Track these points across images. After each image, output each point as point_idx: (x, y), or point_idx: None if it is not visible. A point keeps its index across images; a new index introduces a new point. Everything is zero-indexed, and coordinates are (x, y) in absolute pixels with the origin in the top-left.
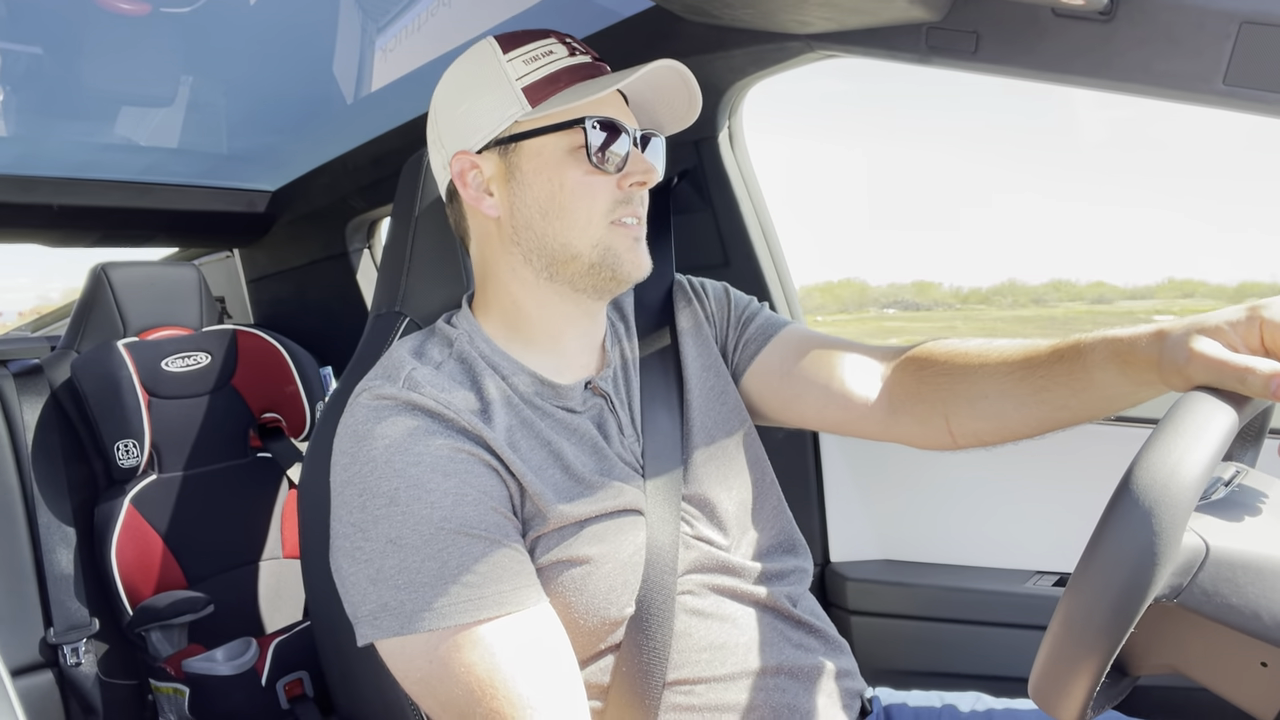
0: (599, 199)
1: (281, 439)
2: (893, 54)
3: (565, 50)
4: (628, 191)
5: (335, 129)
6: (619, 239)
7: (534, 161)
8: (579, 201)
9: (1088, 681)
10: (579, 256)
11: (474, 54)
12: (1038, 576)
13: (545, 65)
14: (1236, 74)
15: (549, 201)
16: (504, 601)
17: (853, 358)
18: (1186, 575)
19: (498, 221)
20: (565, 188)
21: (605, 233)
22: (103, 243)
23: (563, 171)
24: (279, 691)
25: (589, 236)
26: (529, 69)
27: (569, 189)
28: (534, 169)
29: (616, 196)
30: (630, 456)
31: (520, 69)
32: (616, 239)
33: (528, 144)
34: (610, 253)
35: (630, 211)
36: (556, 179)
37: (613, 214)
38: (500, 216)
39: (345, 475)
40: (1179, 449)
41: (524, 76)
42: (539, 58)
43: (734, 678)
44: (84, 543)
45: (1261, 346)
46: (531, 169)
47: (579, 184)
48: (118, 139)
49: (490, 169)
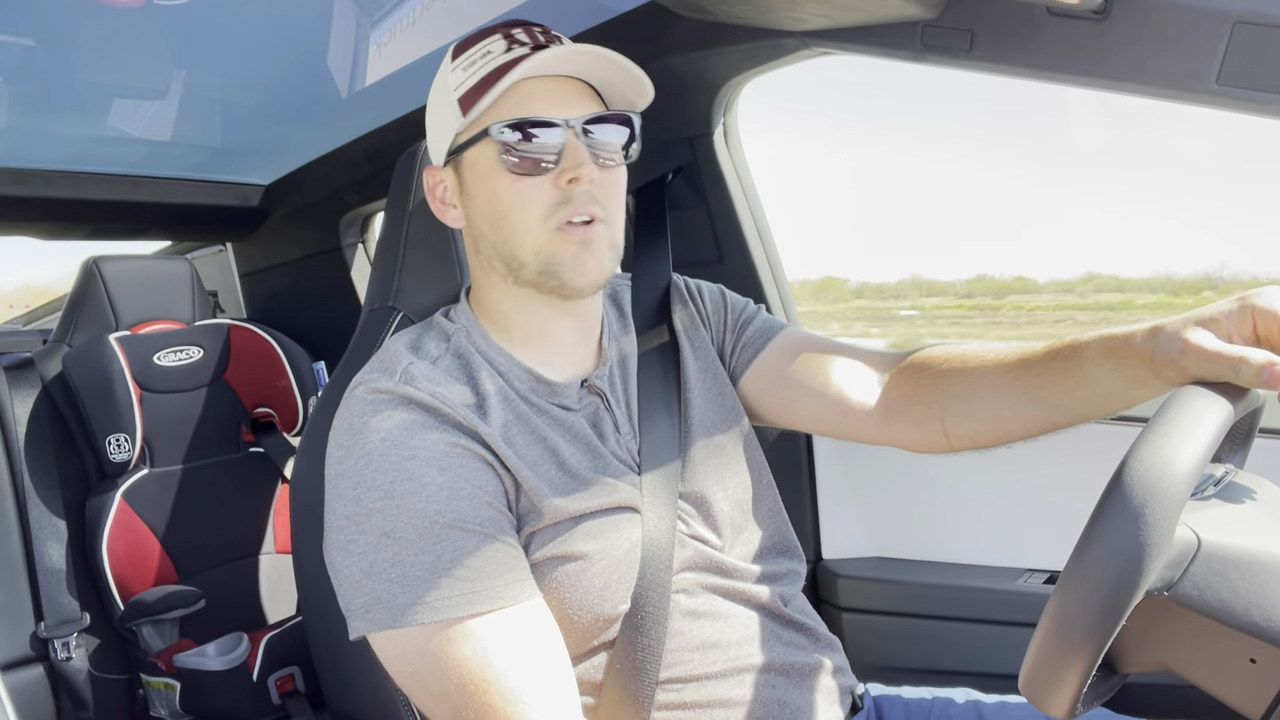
0: (532, 204)
1: (274, 434)
2: (888, 51)
3: (503, 46)
4: (566, 190)
5: (329, 123)
6: (561, 245)
7: (473, 173)
8: (513, 209)
9: (1079, 675)
10: (526, 264)
11: (441, 65)
12: (1029, 574)
13: (479, 70)
14: (1230, 74)
15: (491, 211)
16: (497, 596)
17: (850, 363)
18: (1178, 568)
19: (465, 230)
20: (499, 196)
21: (547, 239)
22: (95, 236)
23: (494, 180)
24: (270, 687)
25: (530, 244)
26: (465, 77)
27: (502, 197)
28: (474, 180)
29: (555, 198)
30: (626, 454)
31: (459, 77)
32: (559, 245)
33: (466, 155)
34: (554, 260)
35: (573, 211)
36: (490, 188)
37: (553, 217)
38: (465, 227)
39: (340, 468)
40: (1173, 442)
41: (460, 85)
42: (475, 62)
43: (725, 675)
44: (75, 537)
45: (1255, 335)
46: (473, 180)
47: (509, 191)
48: (111, 132)
49: (450, 181)
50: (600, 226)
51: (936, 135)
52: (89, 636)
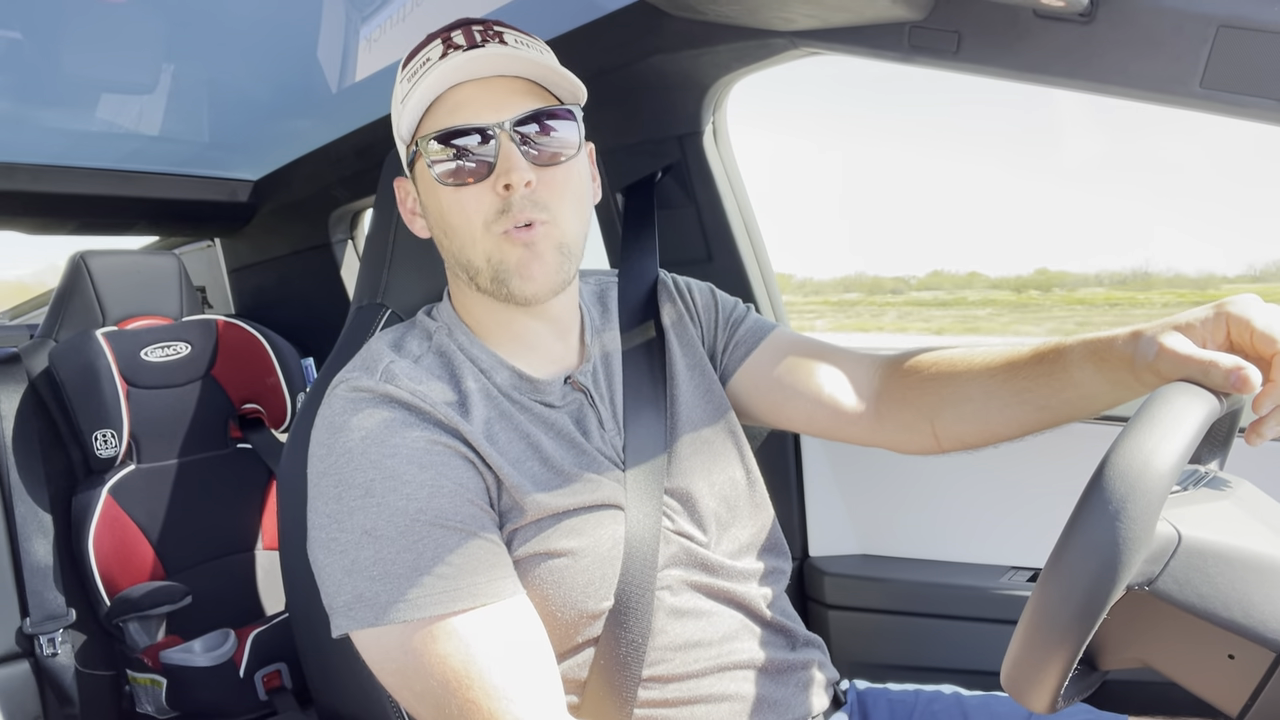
0: (473, 213)
1: (262, 430)
2: (875, 52)
3: (440, 52)
4: (504, 196)
5: (319, 119)
6: (508, 250)
7: (422, 184)
8: (456, 219)
9: (1059, 670)
10: (480, 271)
11: None
12: (1013, 571)
13: (419, 79)
14: (1213, 77)
15: (440, 220)
16: (479, 593)
17: (841, 365)
18: (1159, 563)
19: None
20: (444, 207)
21: (494, 246)
22: (82, 231)
23: (437, 192)
24: (257, 683)
25: (479, 250)
26: (407, 87)
27: (445, 208)
28: (424, 191)
29: (496, 205)
30: (611, 450)
31: (403, 89)
32: (505, 251)
33: (416, 168)
34: (502, 267)
35: (511, 219)
36: (436, 200)
37: (497, 225)
38: (429, 234)
39: (322, 466)
40: (1154, 438)
41: (405, 98)
42: (416, 71)
43: (707, 673)
44: (61, 533)
45: (1228, 341)
46: (423, 191)
47: (450, 202)
48: (98, 126)
49: (413, 191)
50: (542, 228)
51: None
52: (75, 632)
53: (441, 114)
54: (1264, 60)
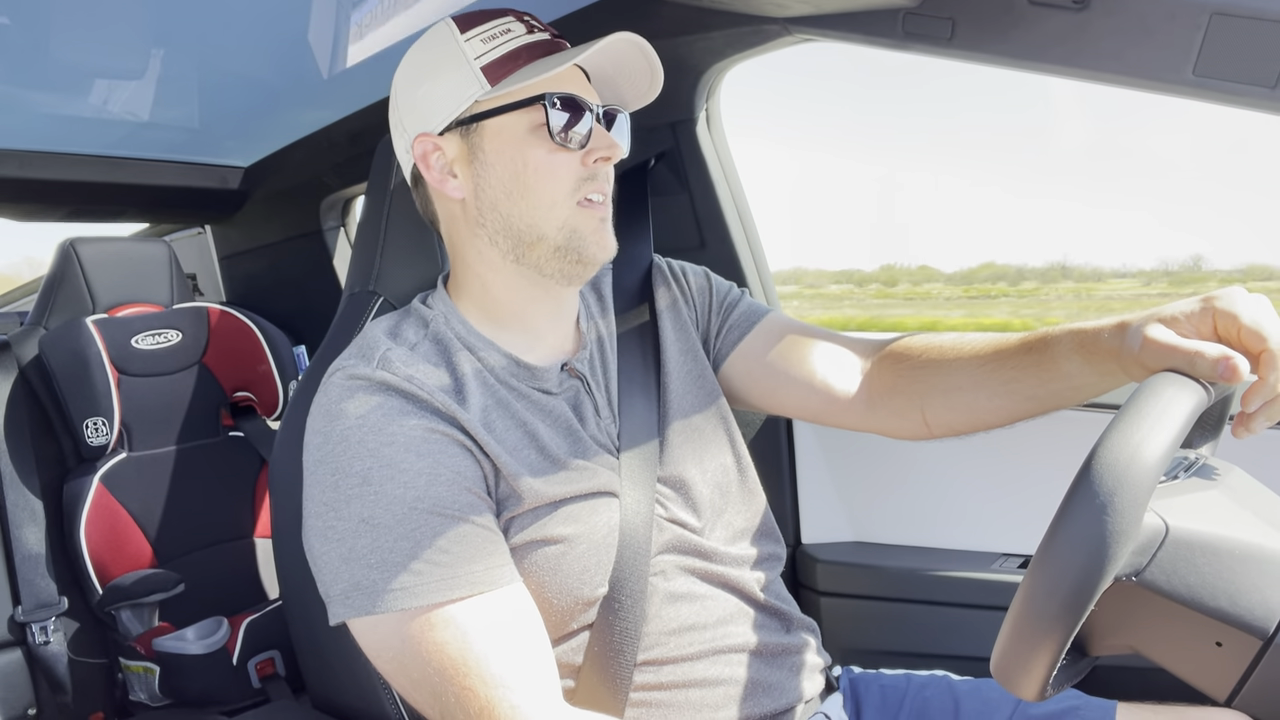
0: (563, 177)
1: (254, 418)
2: (869, 39)
3: (524, 28)
4: (592, 168)
5: (309, 105)
6: (584, 220)
7: (496, 141)
8: (543, 180)
9: (1048, 658)
10: (545, 238)
11: (432, 36)
12: (1004, 559)
13: (504, 43)
14: (1206, 65)
15: (513, 181)
16: (476, 581)
17: (834, 350)
18: (1147, 554)
19: (463, 204)
20: (529, 166)
21: (571, 213)
22: (72, 218)
23: (525, 150)
24: (250, 670)
25: (555, 217)
26: (487, 48)
27: (532, 168)
28: (496, 149)
29: (581, 174)
30: (606, 438)
31: (478, 48)
32: (582, 220)
33: (489, 124)
34: (576, 235)
35: (596, 188)
36: (520, 158)
37: (578, 192)
38: (465, 198)
39: (318, 454)
40: (1142, 429)
41: (482, 55)
42: (497, 36)
43: (701, 657)
44: (53, 521)
45: (1215, 334)
46: (494, 149)
47: (542, 162)
48: (88, 111)
49: (453, 150)
50: (608, 208)
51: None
52: (67, 620)
53: (545, 82)
54: (1257, 48)
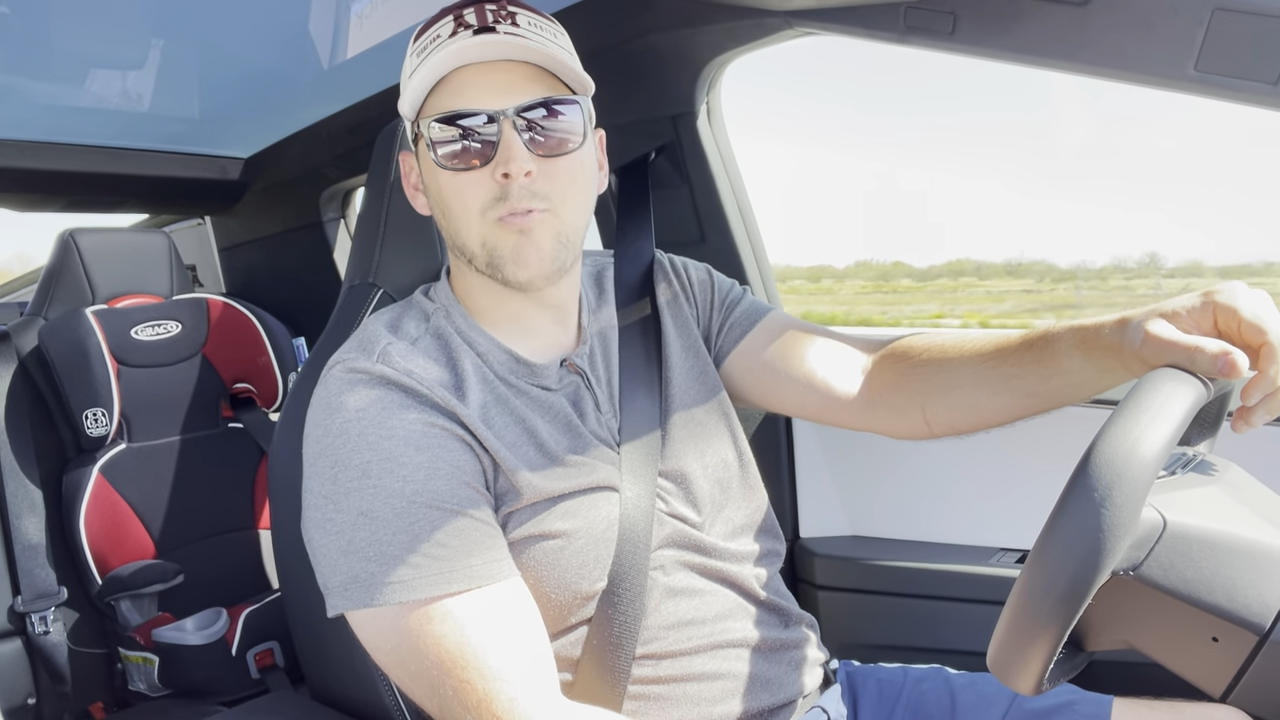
0: (471, 198)
1: (253, 409)
2: (871, 33)
3: (450, 30)
4: (503, 184)
5: (309, 96)
6: (502, 237)
7: (423, 162)
8: (454, 202)
9: (1045, 652)
10: (475, 256)
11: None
12: (1002, 553)
13: (428, 56)
14: (1208, 60)
15: (438, 201)
16: (475, 575)
17: (835, 350)
18: (1144, 549)
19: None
20: (442, 189)
21: (489, 231)
22: (71, 208)
23: (434, 173)
24: (249, 661)
25: (474, 235)
26: (416, 63)
27: (444, 190)
28: (424, 170)
29: (493, 192)
30: (606, 433)
31: (412, 64)
32: (500, 237)
33: (418, 146)
34: (496, 253)
35: (509, 207)
36: (435, 181)
37: (492, 211)
38: (431, 213)
39: (318, 447)
40: (1140, 425)
41: (414, 73)
42: (426, 47)
43: (700, 651)
44: (53, 511)
45: (1215, 329)
46: (424, 169)
47: (449, 185)
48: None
49: (417, 167)
50: (540, 216)
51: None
52: (67, 610)
53: (445, 95)
54: (1259, 43)
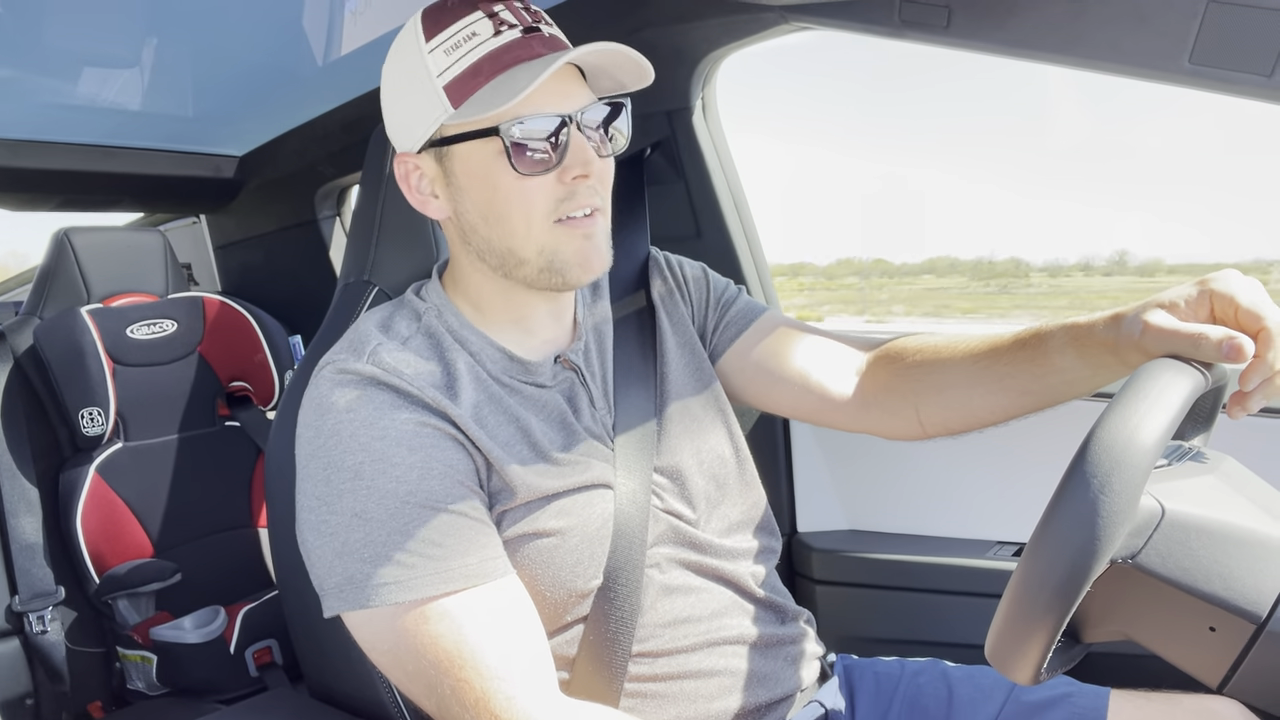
0: (536, 202)
1: (250, 408)
2: (866, 27)
3: (490, 29)
4: (570, 185)
5: (304, 93)
6: (564, 241)
7: (465, 166)
8: (514, 208)
9: (1042, 643)
10: (526, 262)
11: (401, 41)
12: (999, 546)
13: (467, 55)
14: (1202, 53)
15: (486, 207)
16: (470, 574)
17: (830, 350)
18: (1142, 537)
19: (449, 220)
20: (499, 193)
21: (548, 236)
22: (65, 207)
23: (494, 178)
24: (248, 659)
25: (532, 242)
26: (449, 61)
27: (503, 194)
28: (466, 174)
29: (558, 194)
30: (601, 429)
31: (441, 62)
32: (562, 241)
33: (457, 149)
34: (557, 257)
35: (575, 205)
36: (489, 184)
37: (555, 213)
38: (449, 217)
39: (310, 448)
40: (1139, 413)
41: (445, 72)
42: (460, 45)
43: (696, 648)
44: (49, 511)
45: (1212, 318)
46: (464, 174)
47: (511, 190)
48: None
49: (431, 170)
50: (599, 218)
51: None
52: (65, 610)
53: (507, 97)
54: (1253, 36)
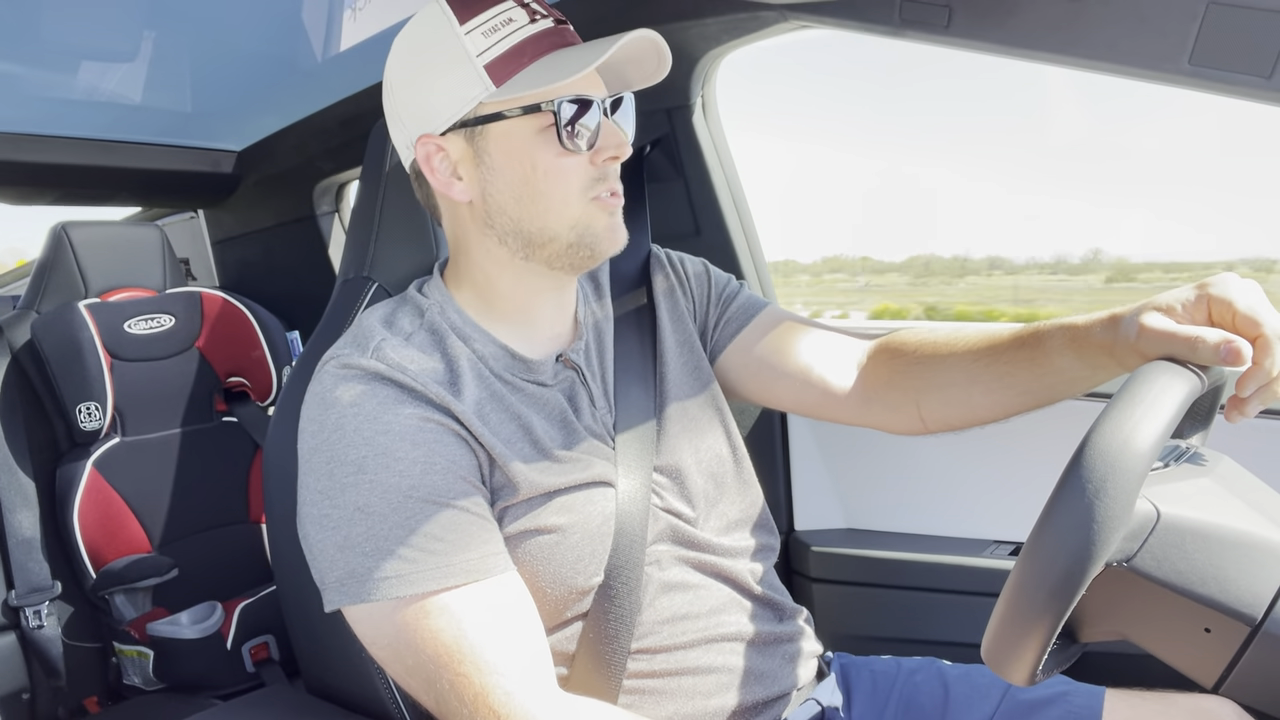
0: (573, 180)
1: (247, 403)
2: (866, 26)
3: (526, 16)
4: (602, 167)
5: (303, 89)
6: (597, 216)
7: (502, 144)
8: (554, 185)
9: (1038, 643)
10: (557, 238)
11: (426, 24)
12: (995, 545)
13: (507, 37)
14: (1202, 54)
15: (522, 185)
16: (471, 569)
17: (831, 345)
18: (1138, 540)
19: (470, 204)
20: (538, 170)
21: (582, 212)
22: (63, 201)
23: (534, 154)
24: (245, 655)
25: (566, 218)
26: (489, 42)
27: (541, 171)
28: (503, 152)
29: (591, 174)
30: (601, 428)
31: (480, 43)
32: (595, 217)
33: (494, 127)
34: (589, 232)
35: (607, 187)
36: (528, 162)
37: (589, 192)
38: (472, 200)
39: (313, 443)
40: (1135, 417)
41: (485, 52)
42: (499, 28)
43: (694, 645)
44: (46, 505)
45: (1209, 321)
46: (500, 152)
47: (552, 167)
48: (78, 94)
49: (457, 152)
50: (619, 202)
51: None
52: (61, 605)
53: (548, 80)
54: (1253, 37)
